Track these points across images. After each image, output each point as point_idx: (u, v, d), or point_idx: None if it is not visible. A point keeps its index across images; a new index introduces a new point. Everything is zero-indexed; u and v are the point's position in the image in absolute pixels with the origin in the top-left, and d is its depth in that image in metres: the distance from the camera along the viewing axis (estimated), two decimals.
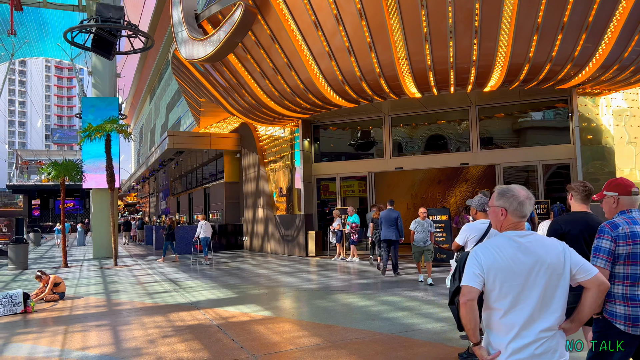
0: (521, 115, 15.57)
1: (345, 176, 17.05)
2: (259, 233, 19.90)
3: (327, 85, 13.47)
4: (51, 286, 9.72)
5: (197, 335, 6.44)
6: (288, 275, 11.95)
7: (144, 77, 52.89)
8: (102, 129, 15.73)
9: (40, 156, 77.49)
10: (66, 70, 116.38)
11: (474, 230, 5.33)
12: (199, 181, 28.88)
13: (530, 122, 15.69)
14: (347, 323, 6.76)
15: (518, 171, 15.46)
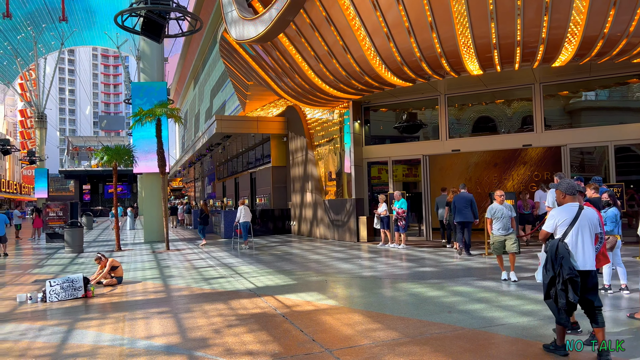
0: (589, 93, 14.50)
1: (398, 159, 16.43)
2: (307, 218, 19.60)
3: (381, 64, 12.86)
4: (108, 268, 9.69)
5: (263, 325, 6.12)
6: (344, 262, 11.55)
7: (187, 62, 53.34)
8: (153, 113, 15.67)
9: (89, 142, 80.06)
10: (112, 58, 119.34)
11: (563, 214, 4.76)
12: (245, 165, 28.84)
13: (599, 100, 14.60)
14: (421, 315, 6.29)
15: (583, 152, 14.45)
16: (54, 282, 8.33)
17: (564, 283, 4.51)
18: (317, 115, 19.03)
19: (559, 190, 4.92)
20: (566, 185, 4.86)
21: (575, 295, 4.49)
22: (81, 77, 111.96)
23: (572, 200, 4.83)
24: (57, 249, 17.69)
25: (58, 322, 6.70)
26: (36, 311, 7.54)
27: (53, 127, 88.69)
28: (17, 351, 5.44)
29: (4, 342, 5.82)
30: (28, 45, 53.28)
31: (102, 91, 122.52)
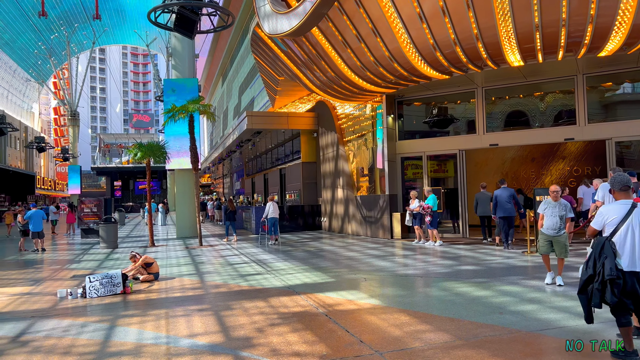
0: (636, 85, 13.85)
1: (433, 154, 16.05)
2: (338, 214, 19.39)
3: (417, 55, 12.53)
4: (141, 262, 9.67)
5: (307, 324, 5.95)
6: (380, 259, 11.30)
7: (215, 59, 53.70)
8: (186, 109, 15.68)
9: (120, 139, 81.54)
10: (141, 56, 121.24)
11: (613, 211, 4.49)
12: (274, 161, 28.79)
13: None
14: (471, 316, 6.01)
15: (621, 146, 13.78)
16: (93, 278, 8.34)
17: (602, 283, 4.31)
18: (348, 110, 18.77)
19: (612, 187, 4.66)
20: (617, 180, 4.57)
21: (614, 296, 4.26)
22: (112, 75, 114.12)
23: (625, 197, 4.53)
24: (92, 244, 17.94)
25: (99, 319, 6.67)
26: (77, 307, 7.54)
27: (85, 124, 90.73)
28: (62, 348, 5.40)
29: (48, 338, 5.79)
30: (61, 45, 54.51)
31: (132, 89, 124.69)
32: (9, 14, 44.47)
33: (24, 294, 8.65)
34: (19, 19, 46.76)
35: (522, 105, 15.31)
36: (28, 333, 6.05)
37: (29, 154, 60.00)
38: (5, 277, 10.84)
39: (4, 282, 10.11)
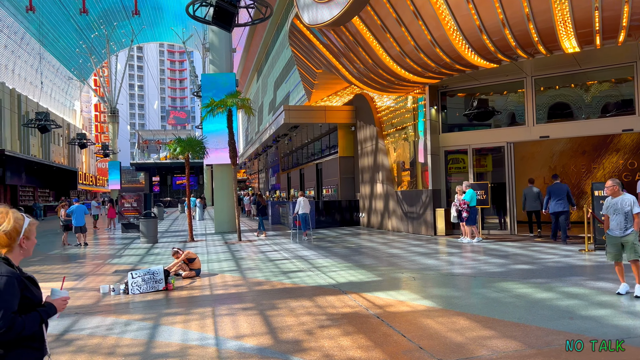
0: None
1: (479, 147, 15.39)
2: (377, 209, 18.93)
3: (463, 41, 11.95)
4: (183, 258, 9.52)
5: (359, 327, 5.58)
6: (427, 257, 10.83)
7: (250, 55, 53.84)
8: (224, 103, 15.54)
9: (158, 136, 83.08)
10: (177, 54, 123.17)
11: None
12: (311, 156, 28.52)
13: None
14: (538, 321, 5.51)
15: None
16: (136, 274, 8.21)
17: None
18: (387, 103, 18.27)
19: None
20: None
21: None
22: (149, 72, 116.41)
23: None
24: (133, 239, 18.08)
25: (143, 317, 6.49)
26: (119, 304, 7.41)
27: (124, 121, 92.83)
28: (106, 348, 5.21)
29: (93, 337, 5.63)
30: (101, 43, 55.71)
31: (169, 86, 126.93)
32: (52, 14, 45.67)
33: (68, 289, 8.57)
34: (62, 18, 47.99)
35: (572, 95, 14.46)
36: (72, 331, 5.92)
37: (71, 151, 61.75)
38: (49, 272, 10.90)
39: (48, 277, 10.14)
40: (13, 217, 2.35)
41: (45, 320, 2.38)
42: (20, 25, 45.23)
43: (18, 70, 48.20)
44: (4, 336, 2.18)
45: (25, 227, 2.38)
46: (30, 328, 2.27)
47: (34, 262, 12.63)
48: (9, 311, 2.20)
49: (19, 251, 2.38)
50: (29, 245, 2.43)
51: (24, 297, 2.30)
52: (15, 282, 2.25)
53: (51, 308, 2.43)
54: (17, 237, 2.35)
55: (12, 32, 45.03)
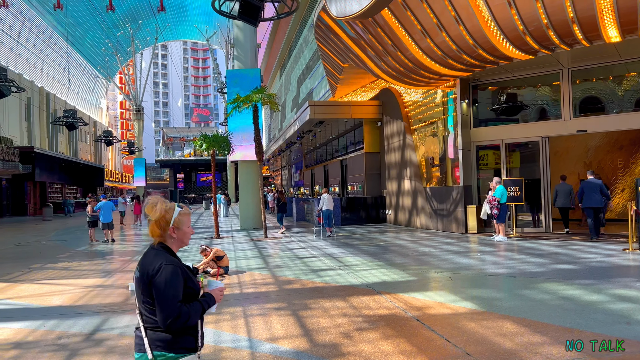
0: None
1: (513, 142, 14.88)
2: (405, 206, 18.55)
3: (499, 34, 11.49)
4: (212, 256, 9.36)
5: (398, 330, 5.29)
6: (460, 256, 10.45)
7: (273, 52, 53.74)
8: (250, 99, 15.35)
9: (182, 133, 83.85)
10: (201, 51, 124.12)
11: None
12: (335, 152, 28.22)
13: None
14: (592, 327, 5.14)
15: None
16: None
17: None
18: (415, 97, 17.84)
19: None
20: None
21: None
22: (173, 70, 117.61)
23: None
24: None
25: None
26: None
27: (149, 118, 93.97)
28: None
29: (123, 337, 5.47)
30: (126, 42, 56.36)
31: (192, 84, 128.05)
32: (79, 13, 46.35)
33: (96, 287, 8.52)
34: (88, 17, 48.67)
35: (603, 88, 13.84)
36: (102, 330, 5.77)
37: (98, 148, 62.74)
38: (77, 268, 10.89)
39: (76, 274, 10.11)
40: (162, 207, 2.37)
41: (206, 310, 2.37)
42: (48, 24, 46.01)
43: (46, 69, 49.09)
44: (172, 325, 2.20)
45: (175, 217, 2.37)
46: (195, 318, 2.28)
47: (62, 258, 12.68)
48: (177, 300, 2.21)
49: (171, 241, 2.40)
50: (181, 235, 2.42)
51: (187, 287, 2.31)
52: (179, 271, 2.28)
53: (211, 299, 2.42)
54: (167, 227, 2.36)
55: (41, 31, 45.85)
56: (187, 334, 2.32)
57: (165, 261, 2.27)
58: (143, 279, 2.27)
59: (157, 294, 2.22)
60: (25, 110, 41.09)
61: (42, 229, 23.64)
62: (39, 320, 6.28)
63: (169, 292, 2.21)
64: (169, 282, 2.22)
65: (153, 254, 2.34)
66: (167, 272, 2.24)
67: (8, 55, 40.43)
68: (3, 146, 31.02)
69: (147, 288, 2.26)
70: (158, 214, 2.35)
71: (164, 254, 2.33)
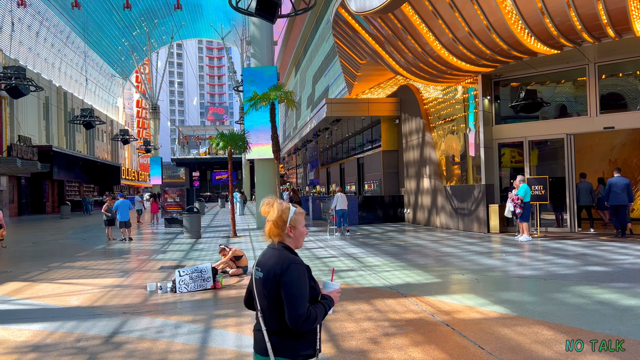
0: None
1: (536, 139, 14.50)
2: (424, 205, 18.24)
3: (522, 26, 11.14)
4: (231, 256, 9.20)
5: (428, 336, 5.05)
6: (485, 256, 10.15)
7: (289, 50, 53.59)
8: (267, 97, 15.19)
9: (197, 131, 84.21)
10: (216, 50, 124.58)
11: None
12: (352, 150, 27.96)
13: None
14: (636, 334, 4.84)
15: None
16: (183, 272, 7.92)
17: None
18: (434, 94, 17.52)
19: None
20: None
21: None
22: (189, 69, 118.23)
23: None
24: (176, 234, 18.04)
25: (193, 319, 6.16)
26: (167, 303, 7.12)
27: (165, 117, 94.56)
28: (157, 354, 4.87)
29: (142, 340, 5.31)
30: (142, 41, 56.67)
31: (208, 82, 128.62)
32: (96, 12, 46.69)
33: (115, 286, 8.41)
34: (105, 16, 49.01)
35: (625, 84, 13.38)
36: (121, 333, 5.63)
37: (114, 146, 63.24)
38: (96, 267, 10.82)
39: (95, 273, 10.04)
40: (278, 207, 2.37)
41: (327, 312, 2.33)
42: (66, 24, 46.43)
43: (64, 68, 49.55)
44: (302, 326, 2.17)
45: (292, 217, 2.38)
46: (319, 320, 2.25)
47: (80, 257, 12.65)
48: (306, 300, 2.19)
49: (289, 240, 2.39)
50: (297, 234, 2.41)
51: (310, 288, 2.28)
52: (305, 271, 2.25)
53: (331, 300, 2.38)
54: (285, 226, 2.36)
55: (59, 31, 46.29)
56: (308, 339, 2.29)
57: (292, 260, 2.25)
58: (269, 279, 2.25)
59: (286, 294, 2.19)
60: (43, 109, 41.51)
61: (60, 227, 23.79)
62: (57, 322, 6.17)
63: (300, 292, 2.19)
64: (298, 282, 2.20)
65: (276, 253, 2.32)
66: (296, 271, 2.22)
67: (27, 54, 40.85)
68: (22, 145, 31.33)
69: (275, 288, 2.23)
70: (276, 214, 2.36)
71: (288, 253, 2.31)
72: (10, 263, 12.07)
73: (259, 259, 2.39)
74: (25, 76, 23.43)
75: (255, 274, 2.38)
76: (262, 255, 2.40)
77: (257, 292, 2.34)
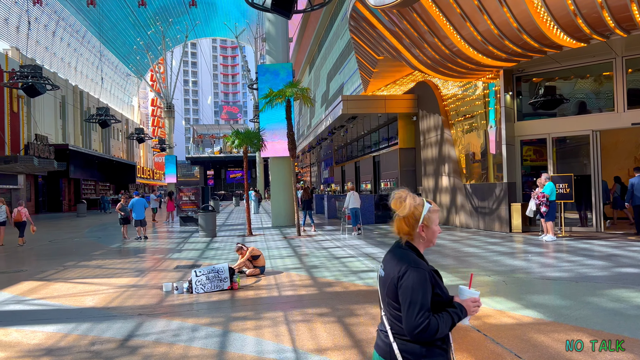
0: None
1: (560, 136, 14.06)
2: (442, 204, 17.86)
3: (549, 19, 10.74)
4: (249, 256, 8.97)
5: (459, 342, 4.76)
6: (509, 257, 9.80)
7: (303, 47, 53.37)
8: (283, 93, 14.95)
9: (212, 130, 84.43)
10: (230, 49, 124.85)
11: None
12: (367, 148, 27.61)
13: None
14: None
15: None
16: (200, 272, 7.71)
17: None
18: (453, 90, 17.13)
19: None
20: None
21: None
22: (203, 68, 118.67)
23: None
24: (191, 233, 17.91)
25: (210, 321, 5.93)
26: (184, 304, 6.92)
27: (180, 116, 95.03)
28: (174, 359, 4.65)
29: (159, 344, 5.10)
30: (157, 40, 56.85)
31: (222, 81, 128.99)
32: (111, 12, 46.91)
33: (130, 286, 8.24)
34: (121, 16, 49.24)
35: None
36: (136, 336, 5.42)
37: (130, 145, 63.62)
38: (111, 266, 10.68)
39: (110, 272, 9.89)
40: (411, 202, 2.16)
41: (456, 323, 2.11)
42: (82, 24, 46.73)
43: (80, 67, 49.91)
44: (419, 336, 1.99)
45: (425, 214, 2.15)
46: (444, 330, 2.03)
47: (96, 255, 12.55)
48: (425, 308, 1.99)
49: (419, 240, 2.17)
50: (430, 234, 2.17)
51: (435, 294, 2.08)
52: (427, 277, 2.05)
53: (462, 310, 2.14)
54: (416, 224, 2.15)
55: (75, 30, 46.61)
56: (438, 347, 2.07)
57: (411, 264, 2.05)
58: (388, 280, 2.11)
59: (403, 301, 2.02)
60: (60, 108, 41.82)
61: (76, 226, 23.85)
62: (71, 323, 5.99)
63: (417, 299, 1.99)
64: (416, 289, 2.00)
65: (399, 253, 2.14)
66: (414, 277, 2.02)
67: (43, 54, 41.18)
68: (39, 143, 31.54)
69: (394, 291, 2.07)
70: (407, 210, 2.14)
71: (411, 255, 2.12)
72: (26, 261, 12.01)
73: (385, 255, 2.23)
74: (42, 75, 23.50)
75: (379, 271, 2.23)
76: (389, 252, 2.22)
77: (380, 291, 2.19)
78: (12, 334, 5.65)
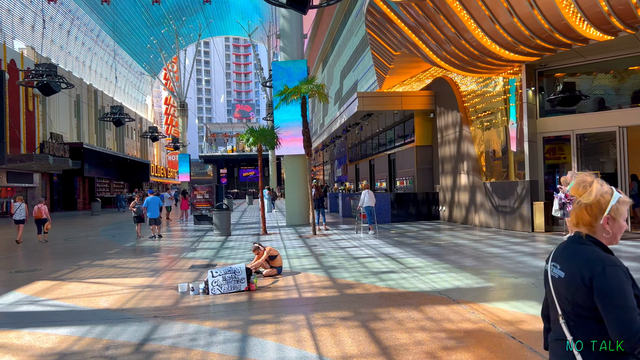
0: None
1: (586, 133, 13.62)
2: (461, 202, 17.48)
3: (574, 10, 10.33)
4: (266, 256, 8.72)
5: (494, 351, 4.46)
6: (534, 258, 9.44)
7: (316, 45, 53.12)
8: (298, 90, 14.69)
9: (225, 129, 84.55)
10: (242, 47, 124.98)
11: None
12: (382, 146, 27.26)
13: None
14: None
15: None
16: (216, 273, 7.48)
17: None
18: (472, 86, 16.73)
19: None
20: None
21: None
22: (216, 66, 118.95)
23: None
24: (205, 231, 17.75)
25: (228, 325, 5.69)
26: (200, 306, 6.69)
27: (193, 114, 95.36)
28: None
29: (175, 349, 4.86)
30: (170, 39, 56.97)
31: (234, 80, 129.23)
32: (125, 11, 47.05)
33: (145, 287, 8.05)
34: (134, 15, 49.38)
35: None
36: (152, 340, 5.19)
37: (143, 144, 63.90)
38: (125, 266, 10.52)
39: (124, 272, 9.72)
40: (598, 188, 1.89)
41: None
42: (96, 23, 46.95)
43: (94, 66, 50.17)
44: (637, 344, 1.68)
45: (613, 205, 1.87)
46: None
47: (110, 254, 12.41)
48: (636, 312, 1.71)
49: (602, 234, 1.89)
50: (616, 228, 1.88)
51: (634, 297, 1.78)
52: (625, 275, 1.78)
53: None
54: (600, 215, 1.87)
55: (89, 29, 46.84)
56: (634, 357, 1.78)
57: (608, 261, 1.79)
58: (575, 282, 1.82)
59: (606, 305, 1.74)
60: (74, 107, 42.04)
61: (90, 224, 23.86)
62: (85, 326, 5.79)
63: (626, 302, 1.71)
64: (622, 289, 1.73)
65: (584, 250, 1.86)
66: (615, 276, 1.75)
67: (58, 53, 41.42)
68: (54, 142, 31.68)
69: (586, 294, 1.79)
70: (592, 197, 1.88)
71: (600, 250, 1.85)
72: (40, 260, 11.91)
73: (556, 252, 1.97)
74: (57, 73, 23.53)
75: (551, 271, 1.97)
76: (561, 249, 1.96)
77: (556, 294, 1.93)
78: (24, 337, 5.47)
